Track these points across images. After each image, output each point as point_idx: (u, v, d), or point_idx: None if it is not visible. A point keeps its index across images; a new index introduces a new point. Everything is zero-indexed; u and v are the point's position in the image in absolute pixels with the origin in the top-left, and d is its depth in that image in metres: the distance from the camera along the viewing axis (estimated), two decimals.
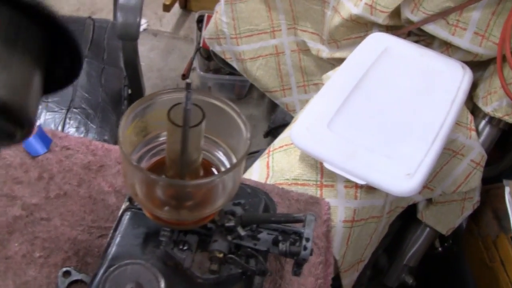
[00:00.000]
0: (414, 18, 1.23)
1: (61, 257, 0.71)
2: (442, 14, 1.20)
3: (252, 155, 1.90)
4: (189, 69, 2.18)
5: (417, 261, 1.52)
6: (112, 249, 0.63)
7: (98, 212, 0.76)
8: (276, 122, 2.03)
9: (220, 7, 1.54)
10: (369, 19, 1.29)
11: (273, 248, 0.61)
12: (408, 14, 1.24)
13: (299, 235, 0.60)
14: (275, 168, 1.13)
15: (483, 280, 1.46)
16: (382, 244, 1.44)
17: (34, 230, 0.74)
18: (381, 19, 1.26)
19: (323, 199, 0.80)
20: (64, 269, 0.70)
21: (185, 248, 0.61)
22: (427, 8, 1.20)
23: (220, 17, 1.55)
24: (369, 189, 1.09)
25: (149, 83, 2.27)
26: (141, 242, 0.63)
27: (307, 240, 0.59)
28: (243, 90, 2.22)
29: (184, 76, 2.19)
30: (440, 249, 1.64)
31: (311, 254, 0.59)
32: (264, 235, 0.61)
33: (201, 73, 2.12)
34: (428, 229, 1.45)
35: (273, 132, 2.02)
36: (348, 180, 1.04)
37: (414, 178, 0.99)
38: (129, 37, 1.23)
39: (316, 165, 1.10)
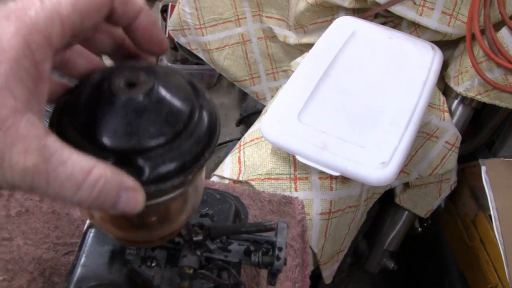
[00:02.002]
0: (381, 0, 1.21)
1: (26, 278, 0.68)
2: None
3: (225, 145, 1.87)
4: (157, 60, 2.13)
5: (397, 245, 1.51)
6: (78, 271, 0.60)
7: (63, 228, 0.72)
8: (247, 110, 2.00)
9: None
10: (334, 3, 1.26)
11: (245, 259, 0.58)
12: None
13: (272, 244, 0.58)
14: (247, 163, 1.10)
15: (464, 259, 1.45)
16: (361, 230, 1.43)
17: None
18: (346, 2, 1.23)
19: (296, 198, 0.77)
20: None
21: (153, 264, 0.58)
22: None
23: (182, 7, 1.51)
24: (345, 179, 1.06)
25: None
26: (107, 261, 0.60)
27: (280, 249, 0.57)
28: (213, 79, 2.19)
29: None
30: (419, 229, 1.64)
31: (285, 264, 0.57)
32: (235, 246, 0.59)
33: (169, 64, 2.07)
34: (406, 212, 1.44)
35: (245, 120, 1.99)
36: (322, 172, 1.02)
37: (389, 166, 0.97)
38: None
39: (289, 158, 1.07)
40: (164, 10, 2.10)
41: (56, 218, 0.73)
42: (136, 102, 0.40)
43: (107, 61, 0.49)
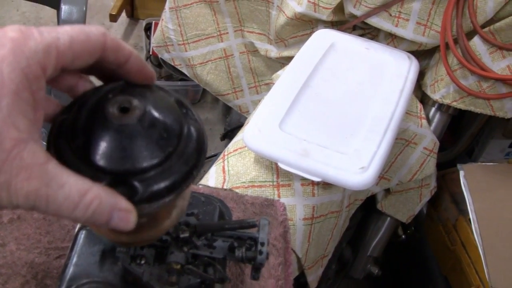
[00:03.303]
0: (357, 12, 1.25)
1: (19, 281, 0.70)
2: (384, 7, 1.22)
3: (209, 159, 1.90)
4: None
5: (380, 251, 1.54)
6: (70, 270, 0.63)
7: (54, 233, 0.75)
8: (231, 124, 2.04)
9: (165, 15, 1.53)
10: (313, 16, 1.30)
11: (230, 255, 0.61)
12: (351, 9, 1.26)
13: (254, 240, 0.61)
14: (231, 172, 1.13)
15: (446, 263, 1.49)
16: (345, 237, 1.46)
17: None
18: (325, 15, 1.27)
19: (278, 201, 0.80)
20: None
21: (142, 262, 0.61)
22: (368, 2, 1.22)
23: (166, 24, 1.55)
24: (326, 185, 1.10)
25: None
26: (98, 260, 0.63)
27: (262, 244, 0.60)
28: (197, 95, 2.22)
29: None
30: (403, 236, 1.66)
31: (267, 258, 0.60)
32: (219, 243, 0.62)
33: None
34: (388, 218, 1.47)
35: (230, 134, 2.02)
36: (304, 178, 1.05)
37: (369, 171, 1.01)
38: None
39: (272, 166, 1.11)
40: (147, 28, 2.14)
41: (48, 224, 0.76)
42: (129, 128, 0.44)
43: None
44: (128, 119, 0.44)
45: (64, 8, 1.19)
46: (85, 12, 1.19)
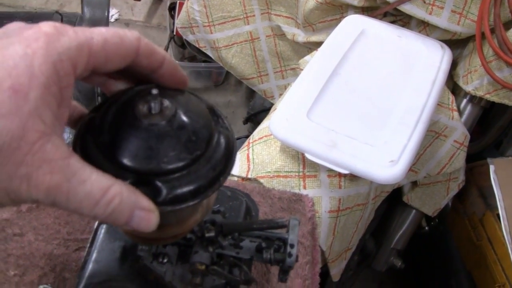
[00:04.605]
0: None
1: (37, 274, 0.68)
2: None
3: None
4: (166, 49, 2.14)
5: (404, 244, 1.51)
6: (89, 267, 0.60)
7: (74, 224, 0.73)
8: (255, 108, 2.01)
9: None
10: (343, 1, 1.26)
11: (257, 256, 0.58)
12: None
13: (283, 241, 0.58)
14: (255, 160, 1.10)
15: (471, 258, 1.45)
16: (369, 229, 1.42)
17: (7, 247, 0.70)
18: (356, 0, 1.23)
19: (306, 196, 0.77)
20: (41, 286, 0.67)
21: (165, 260, 0.58)
22: None
23: (191, 5, 1.51)
24: (353, 177, 1.06)
25: None
26: (119, 257, 0.60)
27: (292, 246, 0.57)
28: (220, 77, 2.19)
29: None
30: (426, 228, 1.63)
31: (297, 261, 0.57)
32: (246, 243, 0.59)
33: (176, 61, 2.07)
34: (414, 211, 1.44)
35: (253, 118, 1.99)
36: (331, 170, 1.02)
37: (398, 164, 0.97)
38: None
39: (298, 156, 1.08)
40: (172, 8, 2.10)
41: (67, 214, 0.73)
42: (158, 128, 0.43)
43: None
44: (157, 118, 0.43)
45: None
46: None
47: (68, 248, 0.70)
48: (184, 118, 0.45)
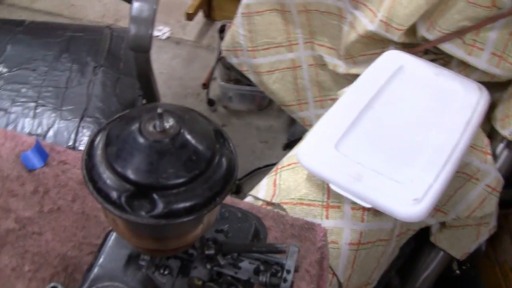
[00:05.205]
0: (430, 36, 1.21)
1: (50, 272, 0.71)
2: (459, 33, 1.17)
3: (269, 167, 1.88)
4: (210, 78, 2.17)
5: (430, 285, 1.48)
6: (94, 270, 0.63)
7: (90, 229, 0.75)
8: (295, 135, 2.02)
9: (237, 19, 1.53)
10: (384, 36, 1.26)
11: (254, 277, 0.59)
12: (423, 32, 1.21)
13: (281, 266, 0.59)
14: (281, 186, 1.11)
15: None
16: (394, 266, 1.41)
17: (25, 244, 0.73)
18: (396, 36, 1.24)
19: (319, 225, 0.78)
20: (52, 284, 0.69)
21: (166, 272, 0.60)
22: (442, 27, 1.17)
23: (236, 29, 1.54)
24: (377, 212, 1.06)
25: (170, 91, 2.27)
26: (124, 264, 0.62)
27: (288, 272, 0.58)
28: (264, 101, 2.21)
29: (205, 86, 2.18)
30: (458, 272, 1.60)
31: (291, 287, 0.58)
32: (245, 264, 0.60)
33: (222, 83, 2.11)
34: (441, 252, 1.41)
35: (292, 145, 1.99)
36: (355, 202, 1.02)
37: (422, 203, 0.97)
38: (140, 49, 1.23)
39: (323, 185, 1.08)
40: (222, 30, 2.14)
41: (85, 219, 0.76)
42: (161, 145, 0.45)
43: None
44: (161, 136, 0.46)
45: (135, 4, 1.20)
46: (155, 10, 1.20)
47: (82, 251, 0.73)
48: (187, 138, 0.47)
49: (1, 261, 0.71)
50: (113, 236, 0.65)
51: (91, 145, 0.49)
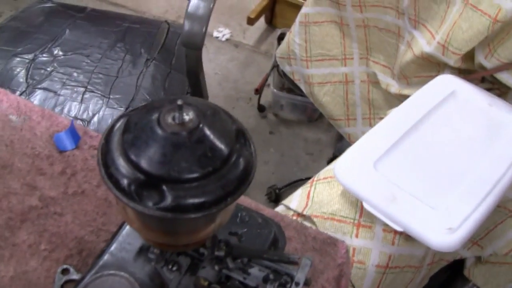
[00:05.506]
0: (487, 64, 1.16)
1: (65, 253, 0.71)
2: None
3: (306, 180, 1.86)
4: (263, 84, 2.17)
5: None
6: (104, 257, 0.62)
7: (110, 216, 0.75)
8: (341, 150, 1.98)
9: (294, 28, 1.52)
10: (440, 59, 1.23)
11: (263, 285, 0.58)
12: (481, 59, 1.17)
13: (291, 277, 0.57)
14: (315, 199, 1.10)
15: None
16: None
17: (45, 223, 0.74)
18: (452, 60, 1.20)
19: (342, 242, 0.76)
20: (64, 266, 0.69)
21: (174, 268, 0.59)
22: (501, 55, 1.13)
23: (293, 37, 1.53)
24: (409, 237, 1.03)
25: (223, 93, 2.28)
26: (134, 255, 0.62)
27: (297, 284, 0.56)
28: (315, 114, 2.19)
29: (257, 91, 2.18)
30: None
31: None
32: (255, 271, 0.58)
33: (275, 90, 2.10)
34: None
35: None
36: (387, 224, 0.99)
37: (456, 233, 0.93)
38: (192, 46, 1.23)
39: (357, 203, 1.06)
40: (281, 38, 2.14)
41: (107, 205, 0.76)
42: (177, 138, 0.45)
43: None
44: (179, 128, 0.45)
45: (192, 1, 1.20)
46: (211, 9, 1.20)
47: (99, 237, 0.73)
48: (206, 133, 0.46)
49: (19, 236, 0.72)
50: (127, 226, 0.65)
51: (110, 130, 0.49)
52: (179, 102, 0.45)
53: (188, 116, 0.46)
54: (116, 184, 0.46)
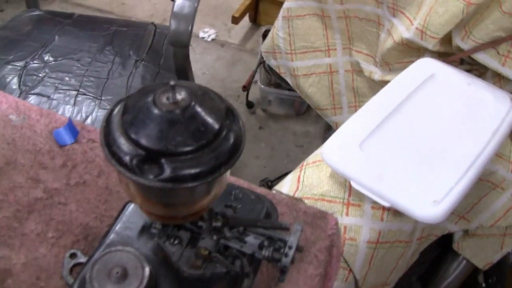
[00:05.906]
0: (464, 46, 1.22)
1: (71, 239, 0.75)
2: (493, 44, 1.18)
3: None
4: (251, 81, 2.21)
5: None
6: (110, 236, 0.67)
7: (112, 203, 0.79)
8: None
9: (278, 22, 1.56)
10: (419, 44, 1.28)
11: (258, 252, 0.62)
12: (458, 41, 1.22)
13: (284, 242, 0.62)
14: (305, 182, 1.14)
15: None
16: (416, 271, 1.41)
17: (51, 212, 0.78)
18: (431, 45, 1.25)
19: (331, 215, 0.80)
20: (72, 251, 0.73)
21: (176, 242, 0.64)
22: (477, 37, 1.18)
23: (277, 32, 1.58)
24: (397, 213, 1.08)
25: None
26: (137, 232, 0.66)
27: (290, 248, 0.61)
28: (302, 107, 2.23)
29: (245, 88, 2.22)
30: (483, 285, 1.59)
31: (292, 262, 0.60)
32: (251, 239, 0.63)
33: (262, 86, 2.14)
34: (464, 261, 1.41)
35: None
36: (375, 201, 1.04)
37: (441, 205, 0.98)
38: (180, 44, 1.28)
39: (345, 183, 1.10)
40: (265, 35, 2.18)
41: (108, 193, 0.80)
42: (172, 115, 0.50)
43: None
44: (173, 107, 0.50)
45: (178, 1, 1.25)
46: (196, 8, 1.24)
47: (103, 222, 0.77)
48: (197, 110, 0.51)
49: (27, 226, 0.76)
50: (130, 207, 0.69)
51: (110, 113, 0.54)
52: (172, 83, 0.50)
53: (180, 95, 0.51)
54: (119, 161, 0.50)
